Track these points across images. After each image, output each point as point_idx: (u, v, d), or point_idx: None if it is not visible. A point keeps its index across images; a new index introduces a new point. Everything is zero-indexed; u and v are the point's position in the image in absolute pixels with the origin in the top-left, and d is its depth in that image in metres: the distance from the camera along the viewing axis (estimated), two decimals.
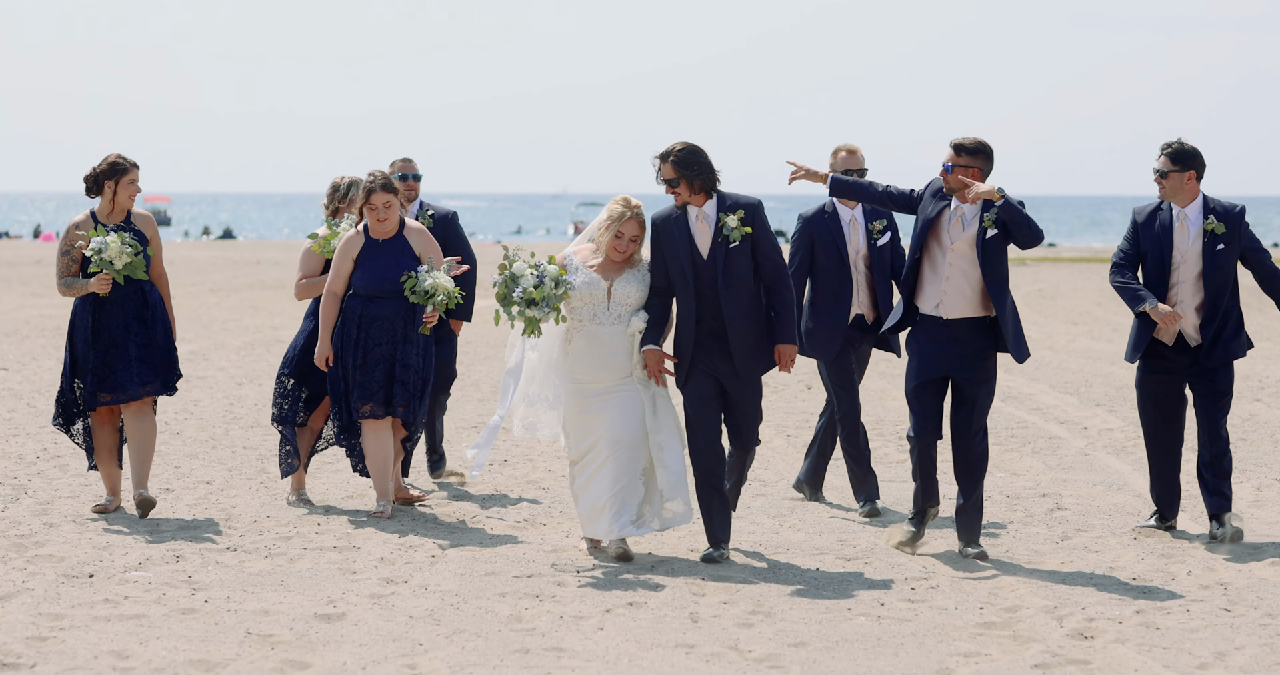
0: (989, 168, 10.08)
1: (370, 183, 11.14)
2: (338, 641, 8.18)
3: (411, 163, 12.78)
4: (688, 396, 10.12)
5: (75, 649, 7.95)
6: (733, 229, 9.96)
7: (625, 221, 10.06)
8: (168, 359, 11.34)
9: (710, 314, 10.01)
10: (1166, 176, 10.70)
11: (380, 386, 11.22)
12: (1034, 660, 7.94)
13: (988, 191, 9.86)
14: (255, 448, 14.38)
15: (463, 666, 7.74)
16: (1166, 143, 10.75)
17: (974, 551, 10.15)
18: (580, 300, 10.11)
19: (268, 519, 11.31)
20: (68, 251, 11.33)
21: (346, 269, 11.26)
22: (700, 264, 10.00)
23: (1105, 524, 11.36)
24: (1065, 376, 20.56)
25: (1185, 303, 10.69)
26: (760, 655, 8.02)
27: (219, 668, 7.67)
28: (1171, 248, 10.69)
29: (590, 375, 10.14)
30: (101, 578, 9.48)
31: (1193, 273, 10.68)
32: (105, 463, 11.49)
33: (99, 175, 11.24)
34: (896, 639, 8.35)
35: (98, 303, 11.25)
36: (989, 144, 10.07)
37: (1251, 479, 12.98)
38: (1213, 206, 10.69)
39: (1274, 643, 8.27)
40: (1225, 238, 10.64)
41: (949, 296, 10.07)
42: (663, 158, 10.00)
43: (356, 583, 9.47)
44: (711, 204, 10.07)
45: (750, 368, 10.08)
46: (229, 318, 29.23)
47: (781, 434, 15.42)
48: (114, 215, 11.30)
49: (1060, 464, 13.89)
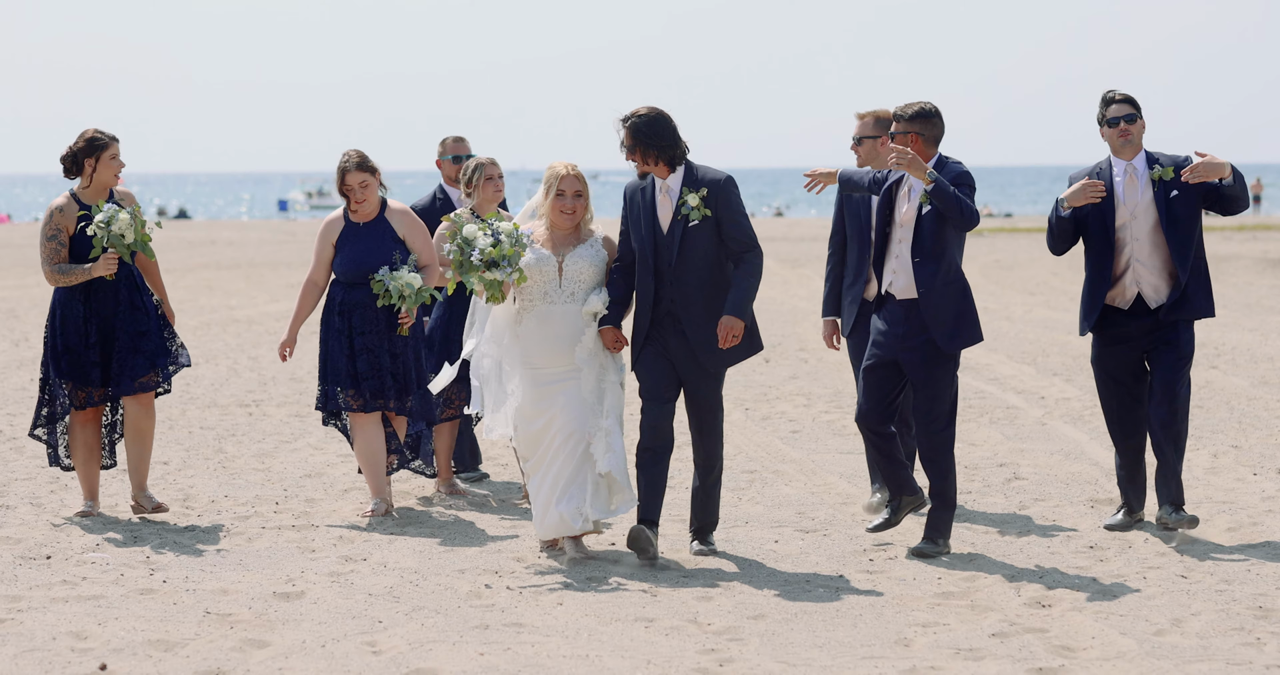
0: (930, 130, 9.53)
1: (345, 162, 10.59)
2: (297, 620, 8.17)
3: (464, 142, 12.02)
4: (641, 380, 9.52)
5: (33, 630, 7.92)
6: (691, 208, 9.34)
7: (563, 178, 9.48)
8: (162, 346, 10.54)
9: (669, 295, 9.42)
10: (1135, 121, 9.95)
11: (365, 377, 10.57)
12: (992, 629, 7.97)
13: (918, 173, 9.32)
14: (212, 428, 14.34)
15: (422, 643, 7.74)
16: (1111, 91, 10.00)
17: (929, 548, 9.56)
18: (531, 278, 9.48)
19: (225, 498, 11.28)
20: (54, 235, 10.42)
21: (327, 255, 10.65)
22: (661, 240, 9.42)
23: (1062, 493, 11.40)
24: (1022, 346, 20.62)
25: (1144, 262, 9.92)
26: (719, 628, 8.03)
27: (178, 647, 7.65)
28: (1114, 206, 9.91)
29: (544, 358, 9.49)
30: (59, 559, 9.45)
31: (1147, 226, 9.89)
32: (85, 463, 10.62)
33: (77, 153, 10.43)
34: (855, 610, 8.37)
35: (88, 289, 10.42)
36: (928, 105, 9.58)
37: (1208, 446, 13.04)
38: (1156, 157, 9.97)
39: (1230, 609, 8.31)
40: (1176, 183, 9.86)
41: (898, 275, 9.60)
42: (623, 121, 9.42)
43: (315, 561, 9.46)
44: (676, 177, 9.44)
45: (711, 357, 9.40)
46: (184, 298, 29.14)
47: (740, 407, 15.43)
48: (96, 193, 10.49)
49: (1018, 434, 13.94)
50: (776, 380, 17.45)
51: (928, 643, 7.76)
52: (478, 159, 11.20)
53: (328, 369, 10.65)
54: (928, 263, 9.48)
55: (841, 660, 7.49)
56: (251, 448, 13.39)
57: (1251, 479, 11.79)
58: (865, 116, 10.64)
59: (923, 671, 7.31)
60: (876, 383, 9.66)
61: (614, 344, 9.46)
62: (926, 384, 9.54)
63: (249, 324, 24.48)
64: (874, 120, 10.59)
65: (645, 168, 9.45)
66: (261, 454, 13.09)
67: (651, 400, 9.48)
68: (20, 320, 24.81)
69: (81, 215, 10.43)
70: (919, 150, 9.54)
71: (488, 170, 11.10)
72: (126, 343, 10.41)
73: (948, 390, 9.57)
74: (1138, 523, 10.22)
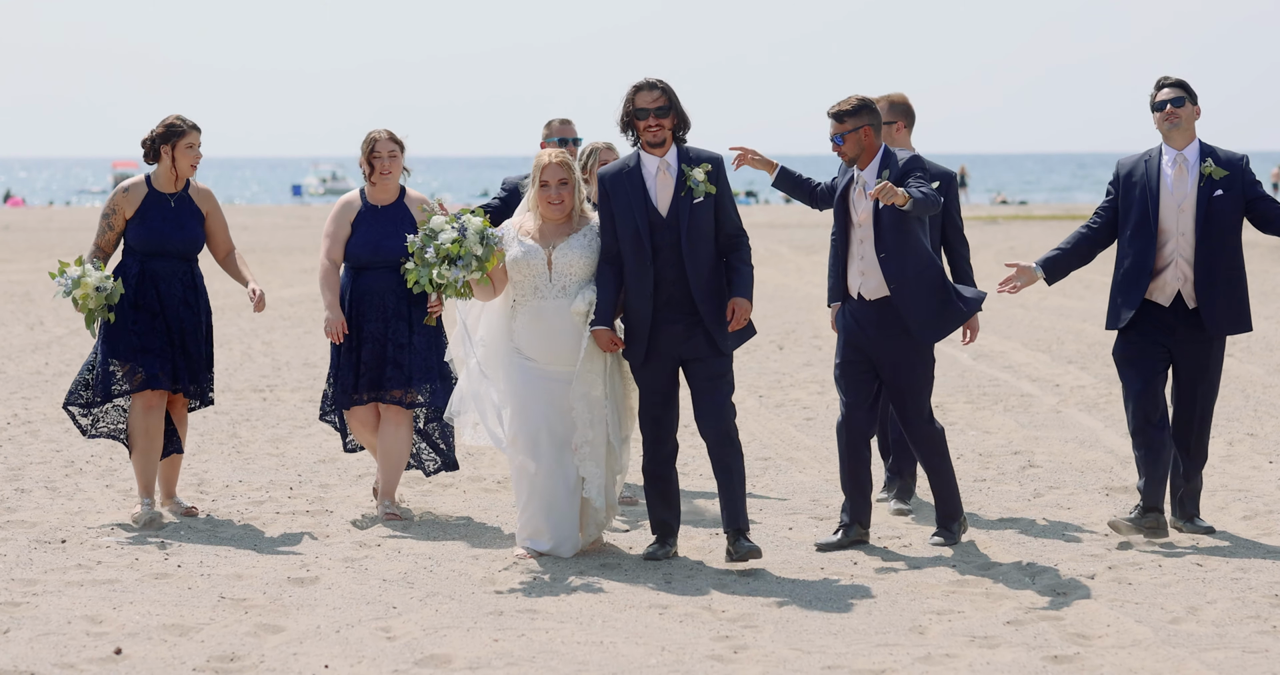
0: (877, 119, 9.24)
1: (375, 132, 10.17)
2: (311, 605, 8.17)
3: (570, 124, 11.22)
4: (642, 388, 9.11)
5: (48, 614, 7.93)
6: (699, 182, 8.93)
7: (545, 168, 9.06)
8: (207, 361, 10.22)
9: (671, 279, 8.97)
10: (1182, 104, 9.47)
11: (369, 368, 10.10)
12: (1007, 617, 7.95)
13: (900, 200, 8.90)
14: (226, 413, 14.34)
15: (436, 629, 7.74)
16: (1164, 76, 9.59)
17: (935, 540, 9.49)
18: (519, 272, 9.06)
19: (240, 484, 11.29)
20: (109, 214, 10.11)
21: (344, 234, 10.15)
22: (657, 221, 8.96)
23: (1077, 481, 11.39)
24: (1037, 334, 20.59)
25: (1185, 258, 9.44)
26: (734, 615, 8.02)
27: (193, 632, 7.65)
28: (1159, 195, 9.43)
29: (540, 354, 9.10)
30: (74, 543, 9.46)
31: (1191, 222, 9.43)
32: (144, 454, 10.08)
33: (155, 139, 10.09)
34: (869, 597, 8.36)
35: (143, 272, 10.03)
36: (868, 98, 9.28)
37: (1224, 434, 13.01)
38: (1210, 151, 9.50)
39: (1245, 597, 8.30)
40: (1225, 183, 9.41)
41: (867, 276, 9.28)
42: (650, 83, 8.98)
43: (329, 547, 9.46)
44: (674, 153, 9.04)
45: (725, 336, 8.99)
46: None
47: (754, 394, 15.42)
48: (172, 181, 10.15)
49: (1032, 422, 13.92)
50: (790, 367, 17.43)
51: (942, 630, 7.75)
52: (593, 144, 10.60)
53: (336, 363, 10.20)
54: (894, 258, 9.19)
55: (856, 647, 7.48)
56: (265, 433, 13.39)
57: (1268, 467, 11.77)
58: (880, 101, 10.57)
59: (937, 659, 7.30)
60: (856, 379, 9.40)
61: (609, 346, 9.00)
62: (908, 380, 9.32)
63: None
64: (889, 105, 10.52)
65: (659, 136, 8.96)
66: (276, 439, 13.09)
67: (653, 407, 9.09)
68: (35, 304, 24.84)
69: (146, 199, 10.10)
70: (870, 142, 9.27)
71: (603, 155, 10.46)
72: (177, 341, 10.10)
73: (929, 384, 9.37)
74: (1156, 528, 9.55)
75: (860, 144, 9.27)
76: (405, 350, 10.08)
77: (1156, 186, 9.48)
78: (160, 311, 10.04)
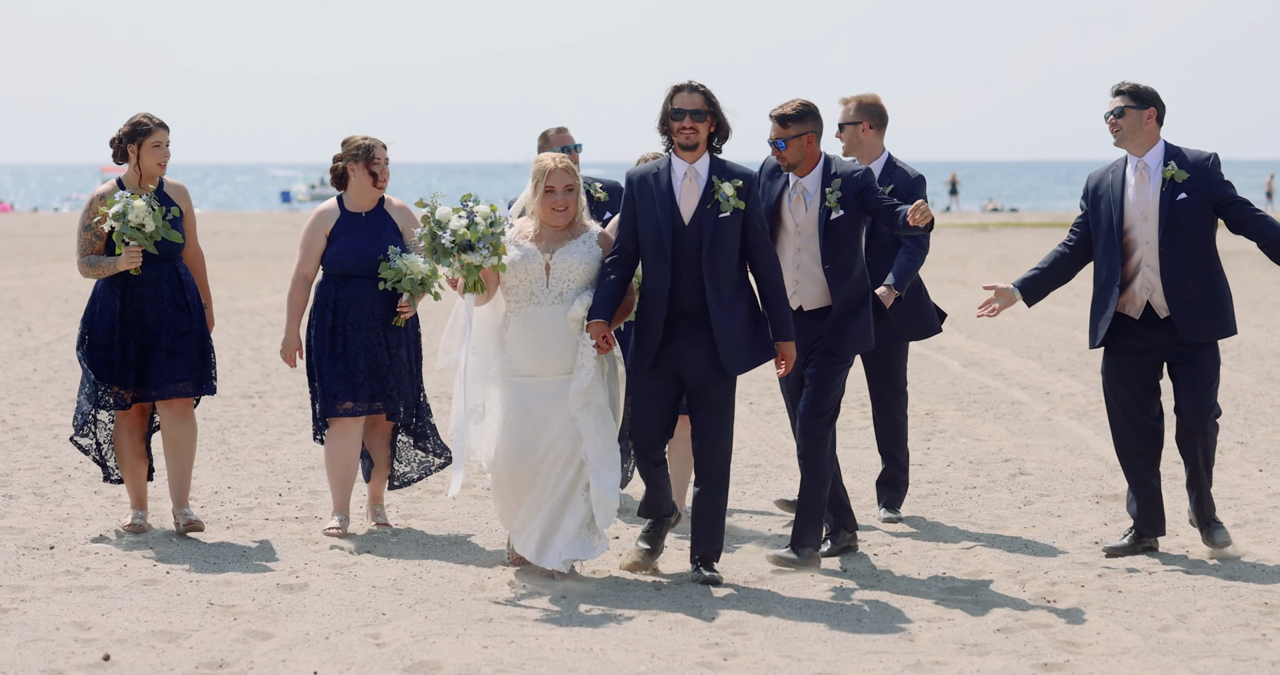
0: (821, 126, 9.04)
1: (371, 139, 9.96)
2: (300, 612, 8.15)
3: (567, 131, 10.83)
4: (639, 401, 8.91)
5: (37, 620, 7.91)
6: (728, 197, 8.66)
7: (551, 173, 8.81)
8: (203, 351, 9.90)
9: (687, 289, 8.72)
10: (1123, 114, 9.21)
11: (364, 379, 9.84)
12: (997, 624, 7.95)
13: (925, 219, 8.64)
14: (215, 419, 14.33)
15: (426, 636, 7.73)
16: (1119, 82, 9.31)
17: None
18: (516, 277, 8.81)
19: (229, 490, 11.27)
20: (90, 225, 9.81)
21: (319, 247, 9.93)
22: (680, 228, 8.70)
23: (1067, 488, 11.39)
24: (1027, 342, 20.61)
25: (1154, 268, 9.18)
26: (724, 622, 8.01)
27: (181, 638, 7.64)
28: (1123, 204, 9.20)
29: (533, 365, 8.83)
30: (62, 549, 9.44)
31: (1155, 230, 9.17)
32: (132, 470, 10.00)
33: (122, 139, 9.82)
34: (860, 604, 8.36)
35: (127, 283, 9.78)
36: (813, 104, 9.02)
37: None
38: (1175, 153, 9.22)
39: (1235, 605, 8.30)
40: (1188, 186, 9.13)
41: (803, 285, 9.07)
42: (691, 85, 8.73)
43: (319, 553, 9.45)
44: (705, 161, 8.77)
45: (735, 358, 8.74)
46: None
47: (744, 401, 15.42)
48: (141, 183, 9.86)
49: (1022, 429, 13.92)
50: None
51: (932, 637, 7.75)
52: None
53: (321, 374, 9.91)
54: (844, 273, 9.03)
55: (846, 655, 7.47)
56: (255, 439, 13.37)
57: (1257, 475, 11.78)
58: (849, 102, 10.47)
59: (927, 666, 7.30)
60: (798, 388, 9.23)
61: (602, 342, 8.71)
62: (825, 383, 9.07)
63: (252, 315, 24.47)
64: (857, 106, 10.39)
65: (691, 139, 8.71)
66: (264, 445, 13.08)
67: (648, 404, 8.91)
68: (23, 310, 24.81)
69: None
70: (812, 149, 9.06)
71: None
72: (166, 343, 9.79)
73: (840, 388, 9.15)
74: (1147, 550, 9.45)
75: (802, 150, 9.05)
76: (397, 360, 9.92)
77: (1120, 196, 9.26)
78: (138, 320, 9.78)
